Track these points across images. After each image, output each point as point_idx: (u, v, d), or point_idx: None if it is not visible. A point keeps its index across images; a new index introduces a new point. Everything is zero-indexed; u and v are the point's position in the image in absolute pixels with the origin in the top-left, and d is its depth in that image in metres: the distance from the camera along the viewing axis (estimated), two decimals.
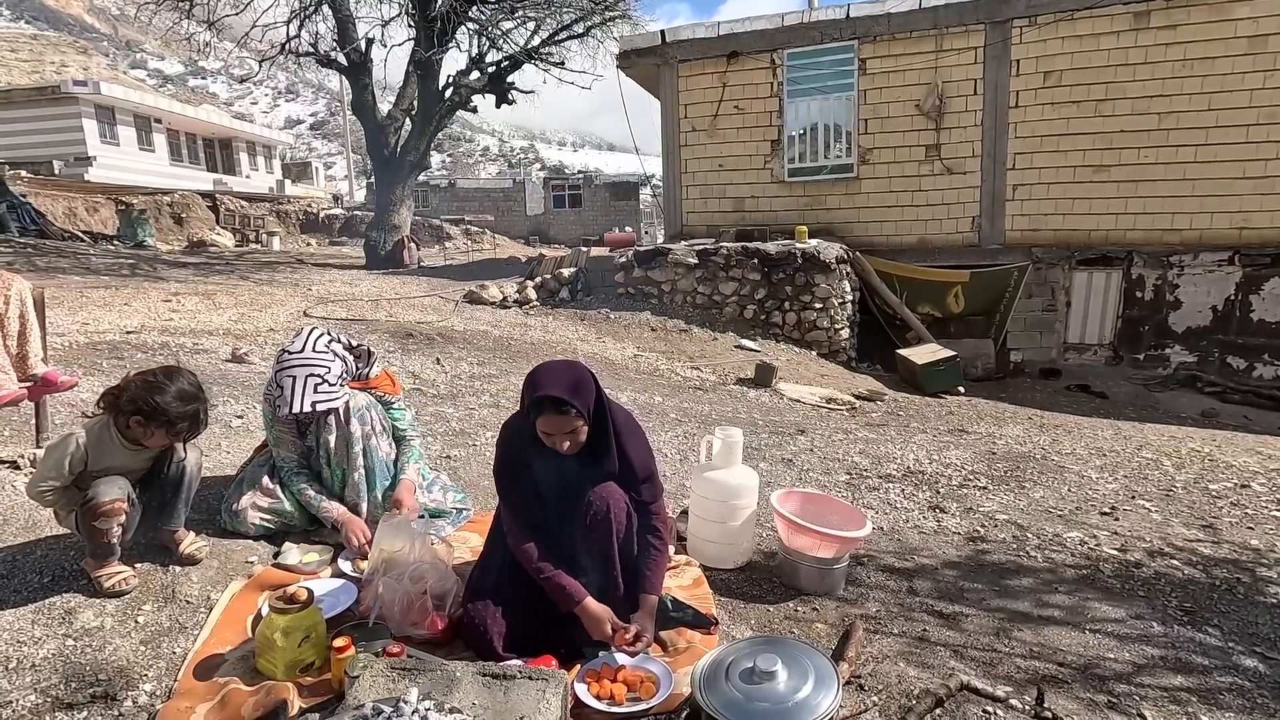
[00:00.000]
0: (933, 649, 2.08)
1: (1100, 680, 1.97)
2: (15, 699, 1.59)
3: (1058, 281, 9.46)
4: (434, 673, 1.47)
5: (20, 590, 1.94)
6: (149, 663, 1.74)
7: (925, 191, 9.77)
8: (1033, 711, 1.63)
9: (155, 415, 1.84)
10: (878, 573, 2.60)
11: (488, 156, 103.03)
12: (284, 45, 12.42)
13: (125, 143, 23.50)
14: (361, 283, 9.78)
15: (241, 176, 28.19)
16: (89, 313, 6.08)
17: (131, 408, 1.84)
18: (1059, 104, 9.14)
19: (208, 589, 2.02)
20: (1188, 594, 2.57)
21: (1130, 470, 4.53)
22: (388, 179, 12.35)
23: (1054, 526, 3.24)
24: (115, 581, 1.91)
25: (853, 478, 3.93)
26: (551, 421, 1.75)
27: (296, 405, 2.15)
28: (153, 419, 1.84)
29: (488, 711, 1.35)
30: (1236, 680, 2.03)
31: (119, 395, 1.87)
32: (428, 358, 5.72)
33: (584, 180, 30.23)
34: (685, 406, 5.43)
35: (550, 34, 13.01)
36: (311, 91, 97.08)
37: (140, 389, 1.85)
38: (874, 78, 9.78)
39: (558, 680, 1.47)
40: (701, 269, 8.54)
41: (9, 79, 48.72)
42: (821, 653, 1.46)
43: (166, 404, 1.84)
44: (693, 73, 10.42)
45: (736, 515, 2.47)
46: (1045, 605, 2.44)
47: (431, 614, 1.85)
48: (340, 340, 2.36)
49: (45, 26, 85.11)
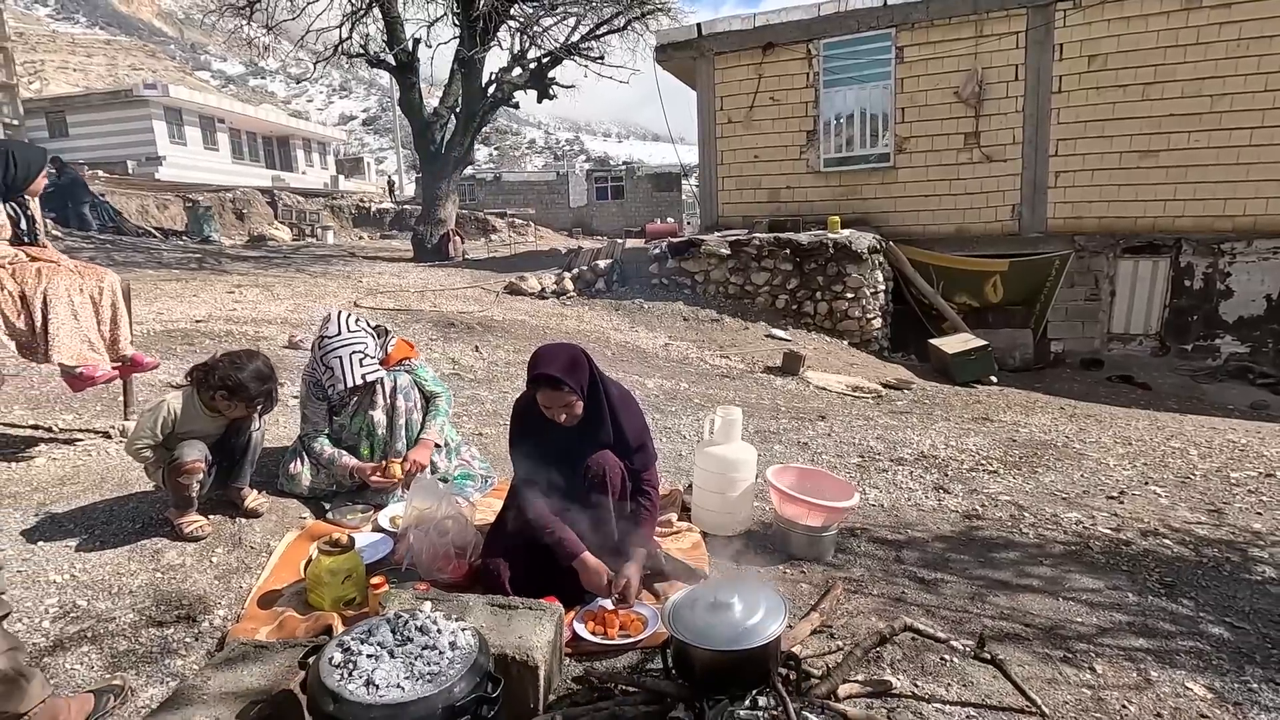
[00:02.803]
0: (906, 608, 2.26)
1: (1061, 639, 2.14)
2: (118, 616, 1.93)
3: (1102, 270, 9.28)
4: (450, 601, 1.75)
5: (118, 534, 2.30)
6: (221, 594, 2.08)
7: (964, 180, 9.68)
8: (972, 653, 1.81)
9: (237, 390, 2.19)
10: (869, 543, 2.79)
11: (534, 149, 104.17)
12: (337, 47, 12.96)
13: (192, 142, 24.76)
14: (409, 275, 10.24)
15: (298, 173, 29.33)
16: (163, 303, 6.62)
17: (218, 383, 2.19)
18: (1104, 88, 8.94)
19: (267, 538, 2.36)
20: (1171, 569, 2.67)
21: (1152, 459, 4.55)
22: (434, 174, 12.81)
23: (1054, 508, 3.36)
24: (193, 528, 2.25)
25: (864, 460, 4.08)
26: (549, 396, 2.01)
27: (350, 379, 2.46)
28: (235, 394, 2.19)
29: (493, 631, 1.61)
30: (1198, 644, 2.16)
31: (208, 372, 2.21)
32: (467, 345, 6.06)
33: (626, 172, 30.45)
34: (710, 393, 5.63)
35: (590, 29, 13.24)
36: (364, 88, 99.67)
37: (227, 368, 2.19)
38: (911, 65, 9.71)
39: (553, 611, 1.73)
40: (734, 259, 8.69)
41: (86, 83, 51.53)
42: (776, 590, 1.68)
43: (246, 381, 2.18)
44: (729, 65, 10.52)
45: (735, 487, 2.69)
46: (1026, 575, 2.59)
47: (455, 561, 2.13)
48: (361, 319, 2.67)
49: (117, 31, 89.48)
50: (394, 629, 1.35)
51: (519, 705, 1.56)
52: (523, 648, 1.56)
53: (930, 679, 1.86)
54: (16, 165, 2.75)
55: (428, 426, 2.71)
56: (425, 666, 1.26)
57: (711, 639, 1.49)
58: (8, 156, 2.73)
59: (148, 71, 61.42)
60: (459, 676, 1.25)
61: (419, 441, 2.66)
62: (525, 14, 12.62)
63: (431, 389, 2.77)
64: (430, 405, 2.76)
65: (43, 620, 1.91)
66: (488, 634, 1.62)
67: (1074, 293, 9.39)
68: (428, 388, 2.76)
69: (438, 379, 2.86)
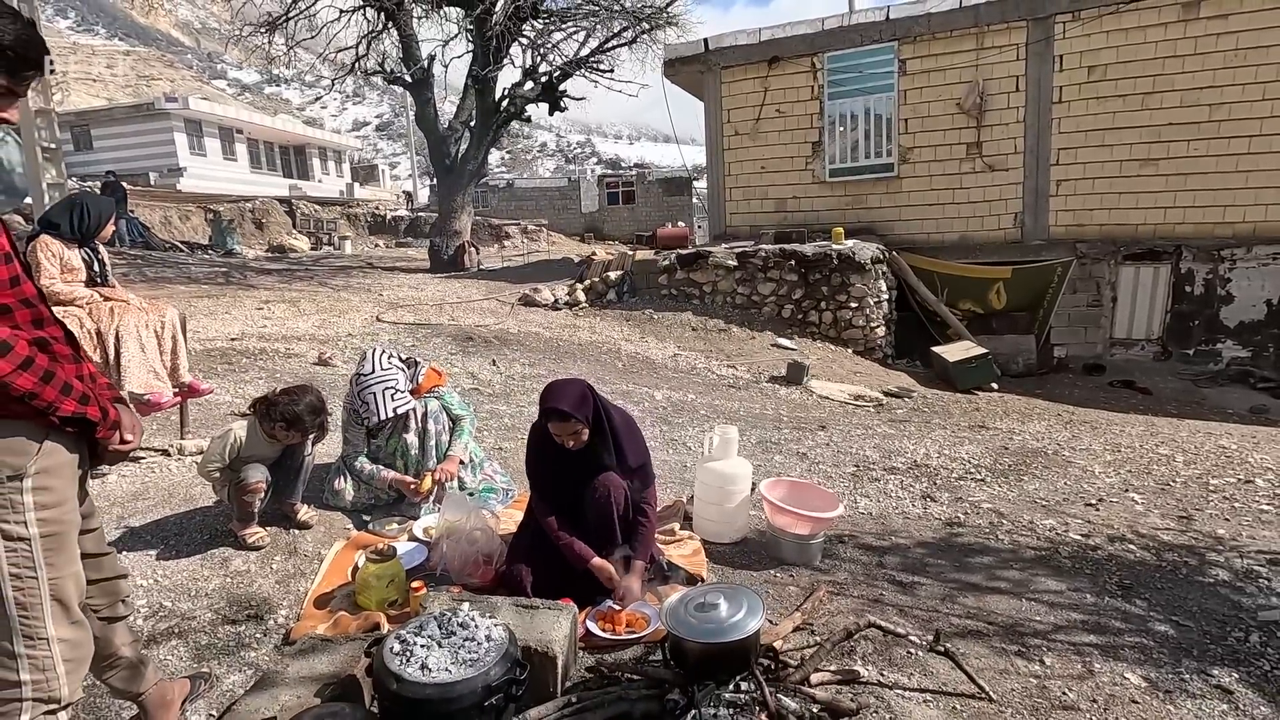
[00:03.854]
0: (883, 608, 2.54)
1: (1019, 635, 2.41)
2: (198, 614, 2.26)
3: (1103, 276, 9.47)
4: (481, 602, 2.05)
5: (190, 544, 2.63)
6: (281, 596, 2.40)
7: (967, 189, 9.91)
8: (928, 646, 2.09)
9: (295, 423, 2.55)
10: (855, 549, 3.06)
11: (545, 152, 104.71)
12: (353, 64, 13.37)
13: (211, 153, 25.32)
14: (427, 287, 10.61)
15: (315, 181, 29.86)
16: (197, 321, 7.00)
17: (279, 417, 2.54)
18: (1104, 98, 9.14)
19: (318, 546, 2.68)
20: (1131, 573, 2.93)
21: (1137, 466, 4.77)
22: (449, 187, 13.20)
23: (1033, 515, 3.61)
24: (255, 539, 2.59)
25: (859, 470, 4.35)
26: (559, 426, 2.33)
27: (383, 414, 2.81)
28: (294, 425, 2.55)
29: (519, 627, 1.92)
30: (1143, 640, 2.43)
31: (270, 406, 2.56)
32: (485, 359, 6.38)
33: (637, 177, 30.78)
34: (716, 404, 5.91)
35: (600, 43, 13.56)
36: (377, 94, 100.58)
37: (287, 404, 2.55)
38: (914, 77, 9.95)
39: (569, 611, 2.03)
40: (741, 270, 8.96)
41: (108, 94, 52.66)
42: (758, 594, 1.96)
43: (303, 414, 2.54)
44: (735, 78, 10.81)
45: (731, 499, 2.98)
46: (996, 578, 2.86)
47: (483, 567, 2.44)
48: (394, 355, 3.01)
49: (136, 43, 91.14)
50: (441, 624, 1.66)
51: (540, 688, 1.85)
52: (543, 641, 1.86)
53: (896, 669, 2.14)
54: (90, 215, 3.10)
55: (454, 445, 3.03)
56: (468, 654, 1.57)
57: (700, 634, 1.79)
58: (83, 209, 3.08)
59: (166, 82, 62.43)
60: (494, 663, 1.55)
61: (446, 458, 2.98)
62: (537, 30, 12.96)
63: (457, 413, 3.09)
64: (456, 426, 3.08)
65: (136, 619, 2.24)
66: (515, 629, 1.93)
67: (1076, 299, 9.58)
68: (454, 411, 3.08)
69: (463, 403, 3.18)
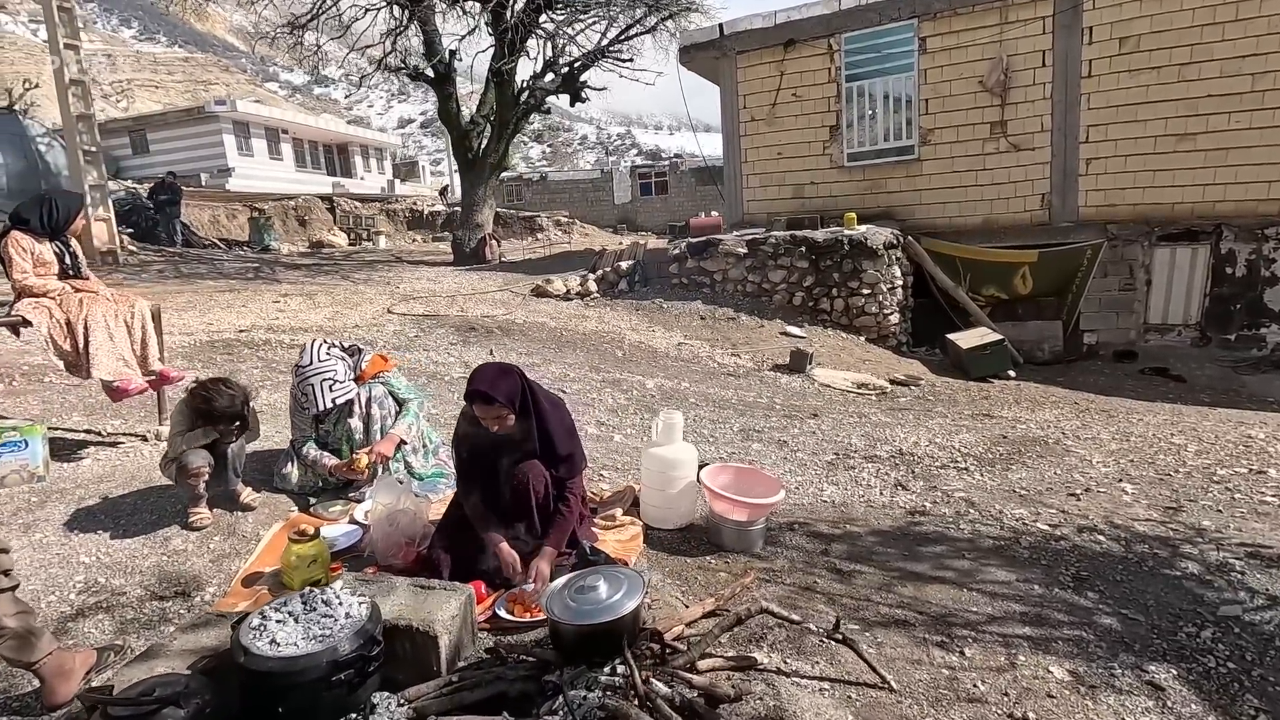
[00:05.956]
0: (810, 595, 2.48)
1: (946, 625, 2.32)
2: (129, 591, 2.36)
3: (1136, 259, 9.01)
4: (381, 582, 2.08)
5: (138, 524, 2.74)
6: (212, 575, 2.48)
7: (990, 170, 9.54)
8: (825, 634, 2.03)
9: (210, 419, 2.65)
10: (803, 536, 3.00)
11: (585, 145, 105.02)
12: (380, 61, 13.63)
13: (258, 153, 26.20)
14: (445, 279, 10.77)
15: (356, 179, 30.62)
16: (214, 314, 7.27)
17: (198, 408, 2.63)
18: (1137, 71, 8.67)
19: (258, 528, 2.76)
20: (1091, 565, 2.79)
21: (1141, 456, 4.55)
22: (471, 181, 13.36)
23: (1005, 505, 3.47)
24: (194, 520, 2.68)
25: (837, 458, 4.26)
26: (483, 410, 2.33)
27: (322, 404, 2.86)
28: (209, 421, 2.64)
29: (408, 607, 1.94)
30: (1080, 634, 2.31)
31: (191, 396, 2.64)
32: (483, 349, 6.45)
33: (670, 167, 30.61)
34: (709, 392, 5.85)
35: (620, 31, 13.50)
36: (421, 92, 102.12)
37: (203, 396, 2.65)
38: (935, 56, 9.62)
39: (461, 592, 2.04)
40: (751, 258, 8.84)
41: (168, 99, 54.92)
42: (640, 575, 1.94)
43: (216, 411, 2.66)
44: (751, 63, 10.63)
45: (674, 484, 2.95)
46: (943, 568, 2.76)
47: (405, 550, 2.47)
48: (336, 345, 3.05)
49: (194, 49, 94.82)
50: (305, 601, 1.69)
51: (423, 668, 1.87)
52: (427, 620, 1.88)
53: (802, 657, 2.08)
54: (59, 210, 3.25)
55: (396, 424, 3.07)
56: (320, 630, 1.59)
57: (573, 616, 1.78)
58: (52, 203, 3.23)
59: (221, 86, 64.80)
60: (345, 639, 1.57)
61: (385, 437, 3.03)
62: (556, 21, 12.98)
63: (403, 396, 3.13)
64: (403, 409, 3.12)
65: (70, 593, 2.35)
66: (404, 609, 1.95)
67: (1107, 283, 9.15)
68: (400, 395, 3.13)
69: (411, 387, 3.22)
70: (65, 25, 10.40)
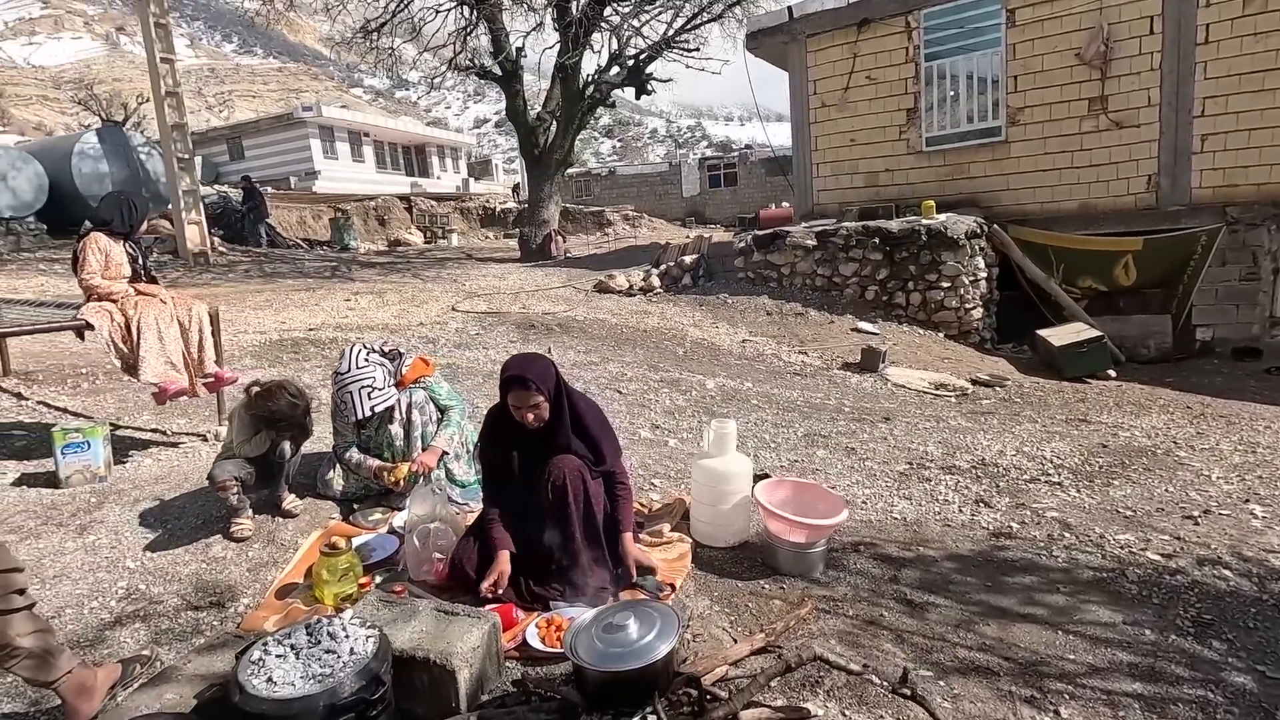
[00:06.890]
0: (875, 632, 2.21)
1: (1037, 676, 2.00)
2: (166, 599, 2.34)
3: (1261, 245, 8.07)
4: (404, 605, 1.96)
5: (184, 528, 2.74)
6: (248, 584, 2.43)
7: (1088, 150, 8.76)
8: (891, 688, 1.76)
9: (270, 424, 2.65)
10: (870, 560, 2.71)
11: (656, 138, 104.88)
12: (451, 61, 13.84)
13: (342, 156, 27.31)
14: (510, 276, 10.81)
15: (433, 178, 31.47)
16: (289, 313, 7.49)
17: (260, 414, 2.64)
18: (1264, 34, 7.74)
19: (297, 535, 2.71)
20: (1215, 606, 2.39)
21: (1271, 471, 4.00)
22: (537, 177, 13.39)
23: (1107, 528, 3.07)
24: (235, 530, 2.65)
25: (910, 468, 3.91)
26: (517, 396, 2.20)
27: (361, 411, 2.79)
28: (269, 426, 2.65)
29: (427, 636, 1.80)
30: (1206, 694, 1.95)
31: (251, 401, 2.64)
32: (541, 347, 6.36)
33: (739, 158, 30.00)
34: (773, 393, 5.56)
35: (686, 21, 13.21)
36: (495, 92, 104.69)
37: (262, 403, 2.65)
38: (1024, 29, 8.90)
39: (486, 619, 1.89)
40: (820, 250, 8.43)
41: (264, 108, 58.29)
42: (676, 613, 1.73)
43: (279, 413, 2.66)
44: (821, 46, 10.15)
45: (726, 500, 2.72)
46: (1033, 603, 2.42)
47: (436, 564, 2.35)
48: (375, 350, 2.96)
49: (287, 59, 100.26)
50: (310, 632, 1.57)
51: (442, 703, 1.73)
52: (445, 653, 1.73)
53: (865, 709, 1.82)
54: (136, 210, 3.35)
55: (439, 436, 2.97)
56: (320, 668, 1.47)
57: (598, 659, 1.59)
58: (130, 203, 3.34)
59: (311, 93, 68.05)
60: (347, 679, 1.44)
61: (429, 449, 2.93)
62: (621, 14, 12.81)
63: (445, 403, 3.03)
64: (445, 417, 3.02)
65: (111, 600, 2.35)
66: (423, 638, 1.81)
67: (1226, 272, 8.24)
68: (442, 402, 3.02)
69: (452, 393, 3.12)
70: (161, 41, 11.00)
